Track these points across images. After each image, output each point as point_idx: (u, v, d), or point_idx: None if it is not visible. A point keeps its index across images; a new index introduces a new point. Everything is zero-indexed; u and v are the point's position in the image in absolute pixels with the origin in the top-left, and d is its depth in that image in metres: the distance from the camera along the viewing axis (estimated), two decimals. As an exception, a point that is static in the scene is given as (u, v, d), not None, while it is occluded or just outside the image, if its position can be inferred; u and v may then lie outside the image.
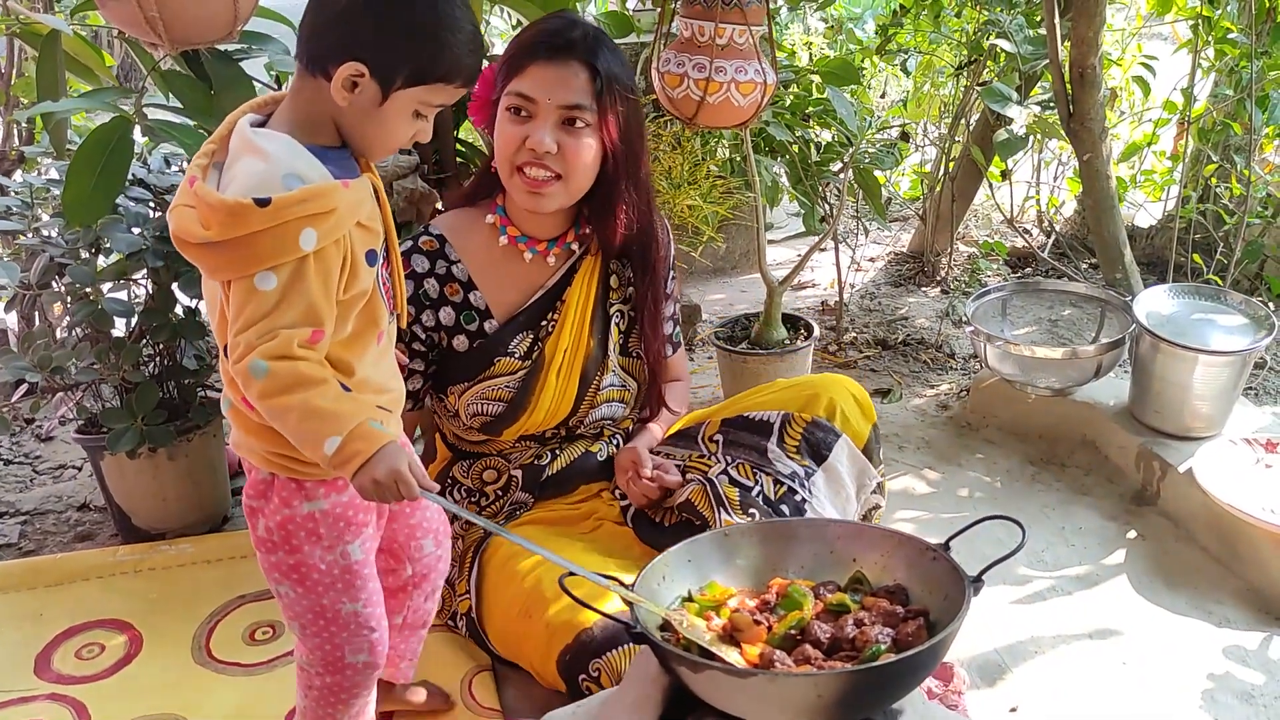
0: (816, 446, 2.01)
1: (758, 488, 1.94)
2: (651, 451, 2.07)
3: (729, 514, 1.87)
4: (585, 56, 1.80)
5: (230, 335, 1.29)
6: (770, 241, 4.57)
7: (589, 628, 1.68)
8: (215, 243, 1.26)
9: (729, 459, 2.00)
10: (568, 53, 1.79)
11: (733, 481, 1.94)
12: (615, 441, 2.10)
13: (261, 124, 1.38)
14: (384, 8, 1.32)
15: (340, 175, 1.34)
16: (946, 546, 1.44)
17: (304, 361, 1.28)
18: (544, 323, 1.95)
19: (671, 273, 2.11)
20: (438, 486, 1.42)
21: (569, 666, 1.69)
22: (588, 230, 1.97)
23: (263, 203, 1.24)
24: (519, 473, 2.02)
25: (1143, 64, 3.80)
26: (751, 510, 1.89)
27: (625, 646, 1.66)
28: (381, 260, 1.43)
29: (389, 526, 1.63)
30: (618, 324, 2.02)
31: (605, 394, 2.01)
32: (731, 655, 1.32)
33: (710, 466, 1.99)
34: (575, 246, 1.98)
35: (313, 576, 1.49)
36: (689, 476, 1.99)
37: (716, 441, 2.07)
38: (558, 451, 2.04)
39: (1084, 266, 4.04)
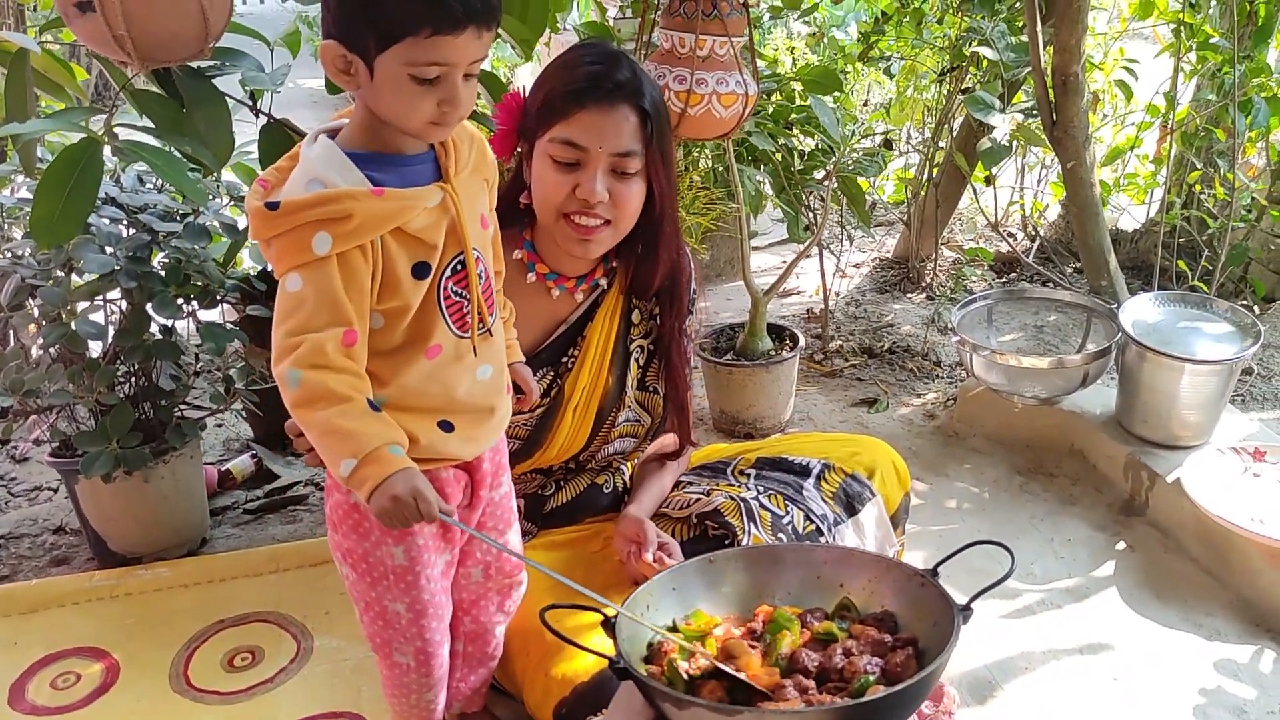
0: (851, 499, 2.00)
1: (788, 517, 1.91)
2: (658, 516, 1.99)
3: (759, 530, 1.84)
4: (634, 99, 1.70)
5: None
6: (755, 248, 4.55)
7: (586, 680, 1.64)
8: (263, 243, 1.31)
9: (761, 488, 1.98)
10: (616, 96, 1.69)
11: (763, 507, 1.92)
12: (622, 474, 2.05)
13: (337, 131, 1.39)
14: None
15: (392, 183, 1.32)
16: (935, 572, 1.42)
17: (335, 375, 1.28)
18: (564, 359, 1.89)
19: (693, 306, 2.01)
20: (455, 510, 1.45)
21: (564, 719, 1.66)
22: (615, 264, 1.91)
23: (272, 206, 1.27)
24: (521, 502, 1.98)
25: (1124, 67, 3.79)
26: (780, 535, 1.86)
27: None
28: (449, 274, 1.40)
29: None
30: (637, 360, 1.96)
31: (620, 429, 1.97)
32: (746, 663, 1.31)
33: (741, 491, 1.97)
34: (603, 282, 1.91)
35: (361, 566, 1.53)
36: (717, 493, 1.96)
37: (748, 475, 2.04)
38: (562, 483, 2.00)
39: (1069, 271, 4.03)
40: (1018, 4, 3.38)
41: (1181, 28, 3.28)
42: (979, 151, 3.14)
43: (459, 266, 1.41)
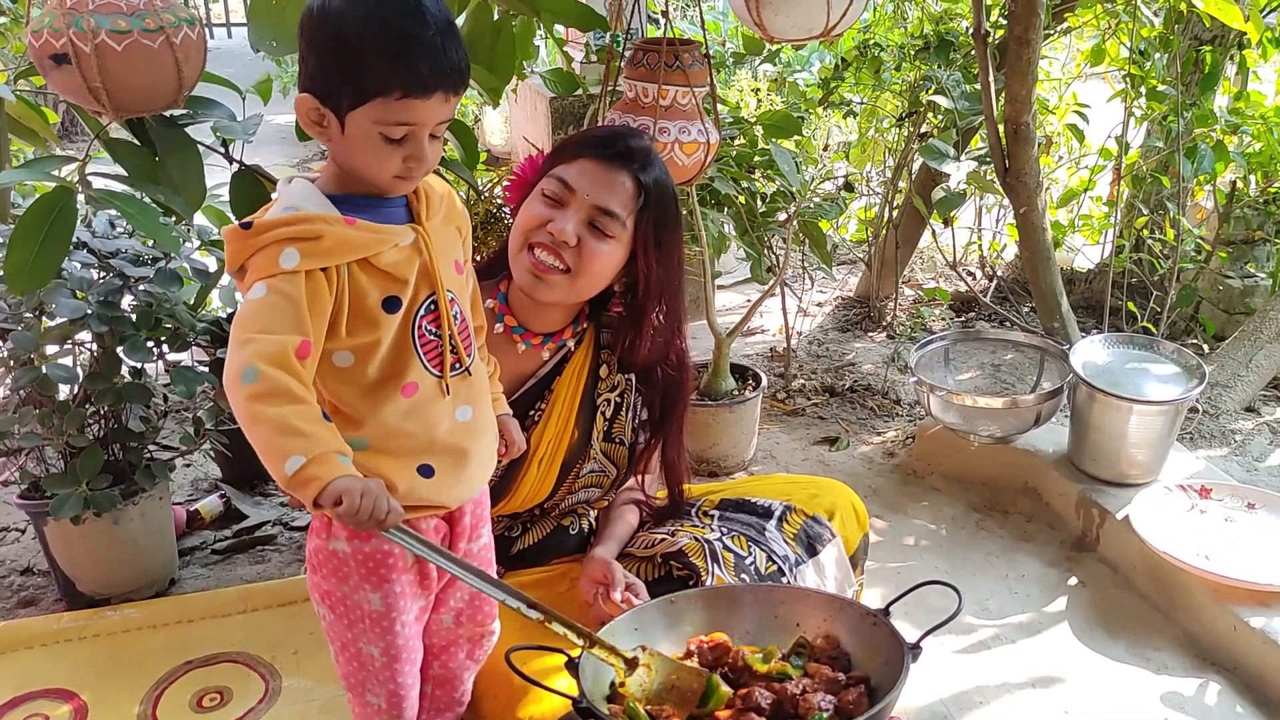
0: (812, 540, 2.04)
1: (751, 558, 1.95)
2: (623, 555, 2.02)
3: (723, 571, 1.88)
4: (637, 169, 1.80)
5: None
6: (720, 287, 4.62)
7: None
8: (238, 273, 1.35)
9: (724, 530, 2.02)
10: (621, 159, 1.79)
11: (727, 548, 1.96)
12: (589, 516, 2.09)
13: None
14: (314, 31, 1.33)
15: (363, 217, 1.37)
16: (886, 612, 1.47)
17: (294, 379, 1.28)
18: (531, 413, 1.93)
19: None
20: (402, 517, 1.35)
21: None
22: (585, 326, 1.97)
23: (246, 225, 1.32)
24: None
25: (1076, 111, 3.90)
26: (743, 575, 1.90)
27: None
28: (423, 314, 1.44)
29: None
30: (603, 413, 2.00)
31: (584, 480, 2.01)
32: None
33: (706, 532, 2.00)
34: (571, 344, 1.96)
35: (339, 609, 1.54)
36: (681, 534, 1.99)
37: (712, 516, 2.09)
38: (529, 525, 2.04)
39: (1025, 310, 4.13)
40: (971, 53, 3.49)
41: (1129, 78, 3.40)
42: (934, 200, 3.22)
43: (433, 306, 1.45)
